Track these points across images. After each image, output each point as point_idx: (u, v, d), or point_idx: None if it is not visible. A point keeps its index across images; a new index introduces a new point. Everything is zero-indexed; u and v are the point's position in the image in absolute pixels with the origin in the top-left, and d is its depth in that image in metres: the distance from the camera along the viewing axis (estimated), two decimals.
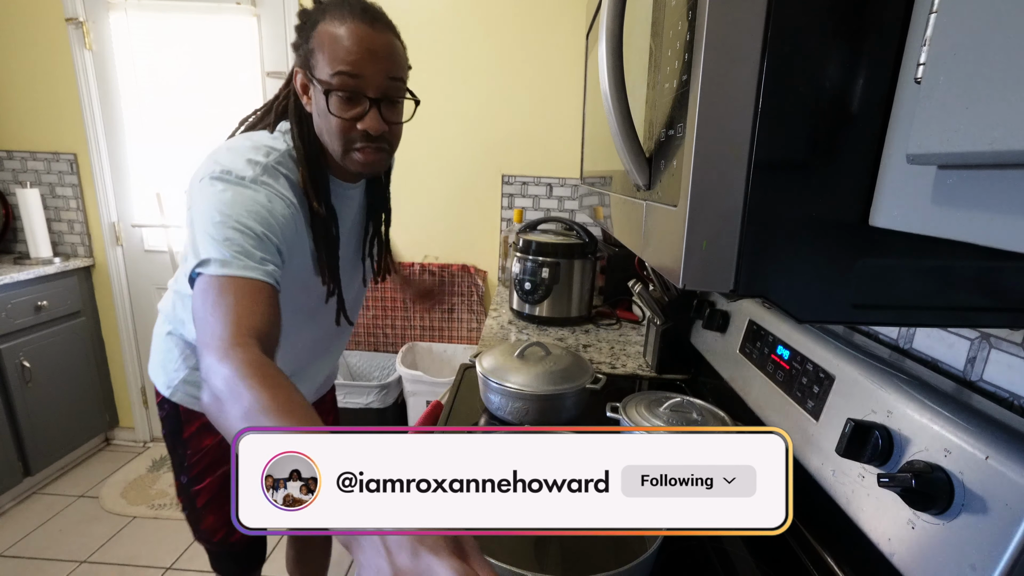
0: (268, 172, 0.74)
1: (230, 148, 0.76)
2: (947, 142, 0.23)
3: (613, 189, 0.67)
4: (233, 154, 0.74)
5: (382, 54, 0.75)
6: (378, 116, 0.76)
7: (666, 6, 0.42)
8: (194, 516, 1.00)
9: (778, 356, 0.79)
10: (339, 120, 0.75)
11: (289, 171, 0.78)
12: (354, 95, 0.74)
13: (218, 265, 0.63)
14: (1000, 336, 0.55)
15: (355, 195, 0.92)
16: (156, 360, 0.97)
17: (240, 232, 0.66)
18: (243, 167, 0.72)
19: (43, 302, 2.03)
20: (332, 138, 0.78)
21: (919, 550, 0.48)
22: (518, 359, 0.98)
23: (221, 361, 0.54)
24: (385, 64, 0.75)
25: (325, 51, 0.73)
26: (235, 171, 0.71)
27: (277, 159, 0.76)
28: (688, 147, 0.34)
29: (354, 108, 0.75)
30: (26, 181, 2.20)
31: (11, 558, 1.74)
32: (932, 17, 0.25)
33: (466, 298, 2.17)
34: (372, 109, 0.76)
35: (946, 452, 0.47)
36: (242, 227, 0.66)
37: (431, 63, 1.98)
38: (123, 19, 2.07)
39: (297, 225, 0.77)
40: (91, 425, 2.31)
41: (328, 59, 0.73)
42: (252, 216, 0.68)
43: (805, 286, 0.36)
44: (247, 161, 0.73)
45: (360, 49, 0.73)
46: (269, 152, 0.76)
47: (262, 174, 0.73)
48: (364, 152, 0.78)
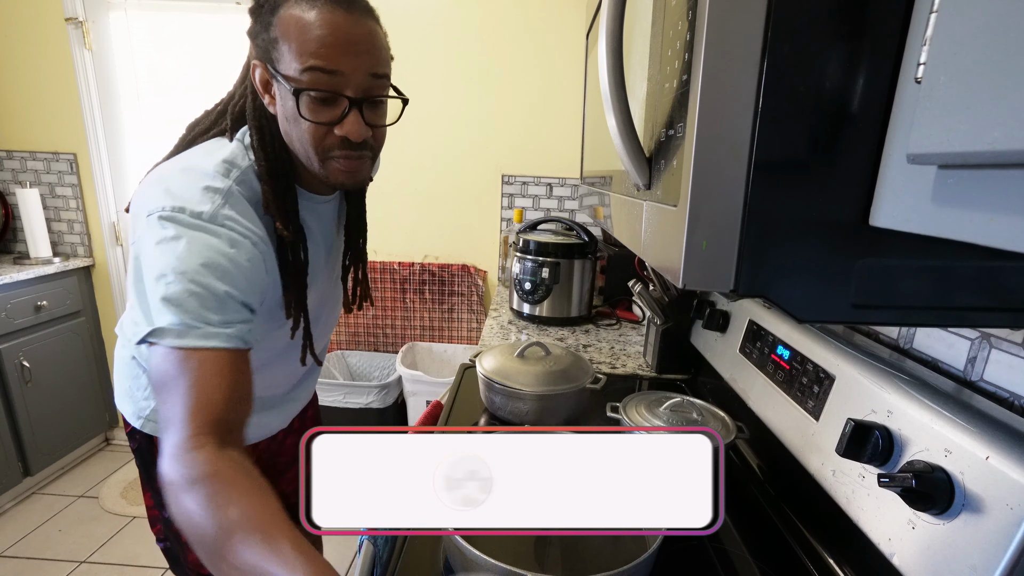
0: (230, 201, 0.63)
1: (184, 170, 0.65)
2: (947, 142, 0.23)
3: (613, 189, 0.67)
4: (188, 178, 0.63)
5: (363, 46, 0.63)
6: (359, 119, 0.65)
7: (666, 6, 0.42)
8: (179, 548, 0.90)
9: (778, 356, 0.79)
10: (312, 125, 0.64)
11: (253, 192, 0.67)
12: (330, 95, 0.63)
13: (173, 336, 0.55)
14: (1000, 336, 0.55)
15: (328, 209, 0.81)
16: (121, 388, 0.86)
17: (196, 295, 0.57)
18: (199, 200, 0.61)
19: (43, 302, 2.04)
20: (305, 146, 0.66)
21: (919, 550, 0.48)
22: (518, 359, 0.98)
23: (175, 462, 0.51)
24: (366, 58, 0.63)
25: (292, 41, 0.61)
26: (189, 207, 0.60)
27: (239, 178, 0.66)
28: (688, 147, 0.34)
29: (331, 111, 0.64)
30: (26, 181, 2.21)
31: (11, 558, 1.74)
32: (932, 17, 0.25)
33: (466, 298, 2.17)
34: (352, 111, 0.64)
35: (946, 452, 0.47)
36: (198, 286, 0.57)
37: (431, 63, 1.98)
38: (123, 19, 2.07)
39: (267, 262, 0.66)
40: (91, 425, 2.31)
41: (296, 51, 0.61)
42: (211, 271, 0.58)
43: (805, 286, 0.36)
44: (204, 190, 0.62)
45: (336, 39, 0.61)
46: (229, 170, 0.65)
47: (223, 206, 0.62)
48: (345, 162, 0.67)
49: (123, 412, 0.88)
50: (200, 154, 0.68)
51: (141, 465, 0.89)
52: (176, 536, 0.89)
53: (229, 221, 0.62)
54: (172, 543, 0.93)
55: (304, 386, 1.02)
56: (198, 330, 0.56)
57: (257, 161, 0.68)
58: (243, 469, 0.53)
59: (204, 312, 0.57)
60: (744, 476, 0.85)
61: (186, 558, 0.91)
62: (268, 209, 0.68)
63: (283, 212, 0.69)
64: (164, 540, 0.95)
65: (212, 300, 0.58)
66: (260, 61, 0.66)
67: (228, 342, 0.57)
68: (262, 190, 0.68)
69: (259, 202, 0.68)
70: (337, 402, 1.89)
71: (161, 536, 0.95)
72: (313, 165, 0.68)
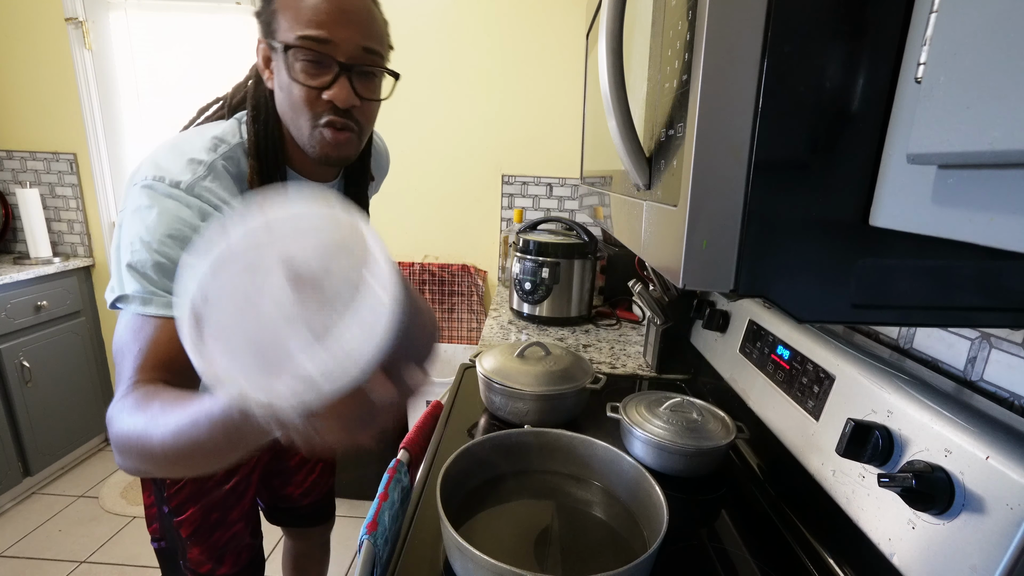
0: (213, 173, 0.65)
1: (175, 144, 0.67)
2: (947, 142, 0.23)
3: (613, 189, 0.67)
4: (175, 152, 0.66)
5: (355, 16, 0.65)
6: (348, 86, 0.66)
7: (666, 6, 0.42)
8: (179, 547, 0.91)
9: (778, 356, 0.79)
10: (303, 89, 0.66)
11: (240, 170, 0.69)
12: (321, 58, 0.65)
13: (138, 303, 0.59)
14: (1000, 336, 0.55)
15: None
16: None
17: (159, 265, 0.60)
18: (180, 170, 0.64)
19: (43, 302, 2.04)
20: (295, 112, 0.68)
21: (919, 550, 0.48)
22: (518, 359, 0.98)
23: (114, 404, 0.54)
24: (358, 29, 0.65)
25: (289, 10, 0.64)
26: (169, 176, 0.63)
27: (226, 153, 0.68)
28: (688, 147, 0.34)
29: (321, 75, 0.65)
30: (26, 181, 2.21)
31: (11, 558, 1.74)
32: (932, 17, 0.25)
33: (466, 298, 2.17)
34: (341, 77, 0.66)
35: (946, 452, 0.47)
36: (163, 257, 0.60)
37: (431, 63, 1.98)
38: (123, 19, 2.07)
39: None
40: (91, 425, 2.31)
41: (292, 19, 0.64)
42: (177, 242, 0.60)
43: (805, 286, 0.36)
44: (188, 162, 0.65)
45: (330, 7, 0.63)
46: (217, 145, 0.68)
47: (204, 178, 0.64)
48: (331, 131, 0.68)
49: None
50: (194, 132, 0.71)
51: None
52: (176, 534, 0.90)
53: (206, 193, 0.64)
54: (169, 542, 0.93)
55: None
56: (161, 299, 0.59)
57: (248, 137, 0.70)
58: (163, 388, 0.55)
59: (166, 282, 0.60)
60: (744, 476, 0.85)
61: (185, 556, 0.91)
62: (252, 184, 0.70)
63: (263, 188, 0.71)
64: (160, 539, 0.94)
65: (175, 270, 0.60)
66: (263, 38, 0.69)
67: None
68: (248, 165, 0.70)
69: (245, 179, 0.70)
70: None
71: (157, 535, 0.95)
72: (302, 135, 0.70)
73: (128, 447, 0.51)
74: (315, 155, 0.71)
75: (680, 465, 0.81)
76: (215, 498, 0.89)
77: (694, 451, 0.79)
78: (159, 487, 0.88)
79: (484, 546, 0.52)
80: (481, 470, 0.75)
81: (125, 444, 0.52)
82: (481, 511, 0.71)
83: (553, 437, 0.79)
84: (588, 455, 0.77)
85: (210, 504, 0.89)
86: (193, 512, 0.88)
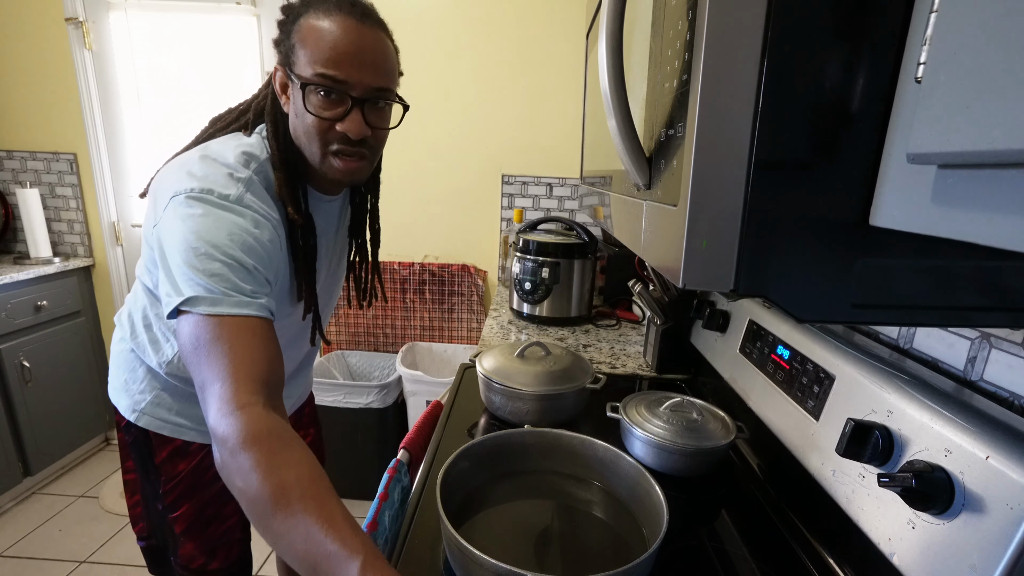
0: (251, 188, 0.68)
1: (205, 158, 0.69)
2: (947, 142, 0.23)
3: (613, 189, 0.67)
4: (210, 166, 0.68)
5: (370, 57, 0.69)
6: (360, 118, 0.70)
7: (666, 6, 0.42)
8: (171, 543, 0.92)
9: (778, 356, 0.79)
10: (317, 120, 0.69)
11: (269, 182, 0.73)
12: (335, 92, 0.69)
13: (208, 304, 0.58)
14: (1000, 336, 0.55)
15: (334, 208, 0.87)
16: (117, 381, 0.88)
17: (228, 265, 0.61)
18: (225, 184, 0.66)
19: (43, 302, 2.04)
20: (309, 139, 0.72)
21: (919, 550, 0.48)
22: (518, 359, 0.98)
23: (227, 417, 0.53)
24: (372, 71, 0.69)
25: (307, 47, 0.67)
26: (217, 190, 0.65)
27: (257, 168, 0.71)
28: (688, 147, 0.34)
29: (334, 107, 0.69)
30: (26, 181, 2.21)
31: (11, 558, 1.74)
32: (932, 17, 0.25)
33: (466, 298, 2.17)
34: (354, 110, 0.70)
35: (946, 452, 0.47)
36: (229, 259, 0.61)
37: (431, 63, 1.99)
38: (123, 19, 2.07)
39: (282, 246, 0.72)
40: (91, 425, 2.31)
41: (310, 56, 0.67)
42: (239, 246, 0.62)
43: (805, 286, 0.36)
44: (228, 177, 0.67)
45: (347, 47, 0.67)
46: (249, 161, 0.71)
47: (246, 191, 0.67)
48: (342, 158, 0.72)
49: (117, 406, 0.88)
50: (220, 144, 0.73)
51: (137, 458, 0.90)
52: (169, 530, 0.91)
53: (254, 204, 0.68)
54: (160, 539, 0.94)
55: (296, 383, 1.03)
56: (232, 298, 0.60)
57: (271, 151, 0.74)
58: (293, 434, 0.55)
59: (236, 282, 0.61)
60: (744, 476, 0.85)
61: (177, 552, 0.92)
62: (280, 194, 0.73)
63: (294, 199, 0.74)
64: (148, 538, 0.95)
65: (242, 271, 0.62)
66: (281, 66, 0.73)
67: (260, 311, 0.61)
68: (275, 177, 0.73)
69: (274, 192, 0.73)
70: (337, 402, 1.89)
71: (144, 534, 0.95)
72: (315, 160, 0.74)
73: (239, 487, 0.51)
74: (329, 178, 0.76)
75: (680, 465, 0.81)
76: (211, 493, 0.90)
77: (694, 451, 0.79)
78: (153, 485, 0.89)
79: (484, 546, 0.52)
80: (481, 470, 0.75)
81: (236, 479, 0.51)
82: (481, 511, 0.71)
83: (553, 437, 0.79)
84: (588, 455, 0.77)
85: (205, 499, 0.90)
86: (188, 508, 0.89)
